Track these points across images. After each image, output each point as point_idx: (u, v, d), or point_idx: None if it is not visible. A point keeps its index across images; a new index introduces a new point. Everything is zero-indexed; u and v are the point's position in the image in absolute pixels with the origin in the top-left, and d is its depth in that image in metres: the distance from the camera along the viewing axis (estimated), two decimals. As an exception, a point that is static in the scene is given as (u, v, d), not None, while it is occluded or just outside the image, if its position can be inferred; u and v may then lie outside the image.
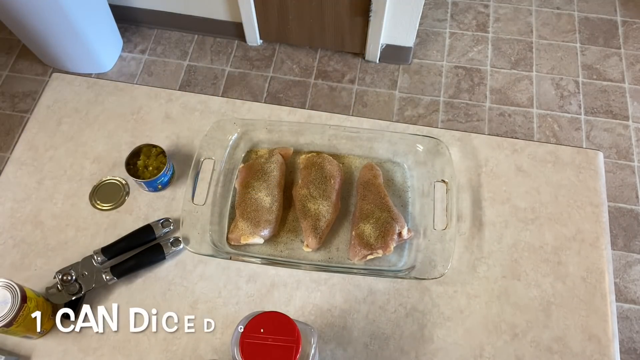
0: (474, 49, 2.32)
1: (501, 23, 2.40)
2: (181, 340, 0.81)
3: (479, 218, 0.91)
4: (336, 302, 0.84)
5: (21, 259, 0.87)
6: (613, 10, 2.44)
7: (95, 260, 0.83)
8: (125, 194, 0.93)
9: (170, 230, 0.88)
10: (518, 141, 1.00)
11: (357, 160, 0.97)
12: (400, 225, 0.85)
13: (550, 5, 2.45)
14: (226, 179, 0.92)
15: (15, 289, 0.71)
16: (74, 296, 0.80)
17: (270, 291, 0.85)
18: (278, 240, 0.89)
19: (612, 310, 0.84)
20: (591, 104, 2.17)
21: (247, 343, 0.61)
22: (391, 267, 0.86)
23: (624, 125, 2.12)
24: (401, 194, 0.93)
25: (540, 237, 0.90)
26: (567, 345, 0.81)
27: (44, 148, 0.98)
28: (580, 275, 0.86)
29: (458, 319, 0.83)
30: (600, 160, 0.97)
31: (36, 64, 2.23)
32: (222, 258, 0.85)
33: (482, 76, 2.24)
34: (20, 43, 2.25)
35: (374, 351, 0.80)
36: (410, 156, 0.95)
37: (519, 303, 0.84)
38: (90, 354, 0.80)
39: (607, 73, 2.25)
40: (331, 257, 0.87)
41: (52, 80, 1.06)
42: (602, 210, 0.92)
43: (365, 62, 2.24)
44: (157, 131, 1.00)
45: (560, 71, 2.25)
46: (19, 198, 0.92)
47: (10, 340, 0.80)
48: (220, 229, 0.89)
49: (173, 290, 0.84)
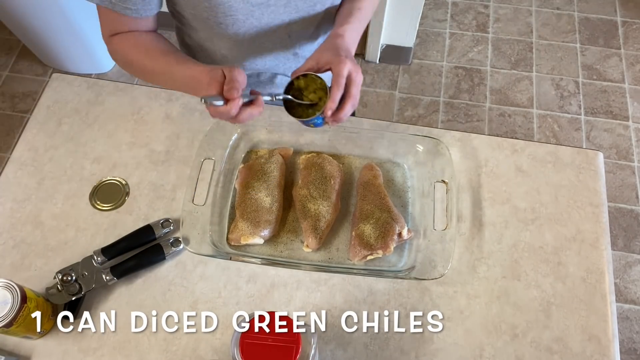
0: (474, 49, 2.32)
1: (501, 23, 2.40)
2: (181, 340, 0.81)
3: (479, 218, 0.91)
4: (336, 302, 0.84)
5: (21, 259, 0.87)
6: (613, 11, 2.44)
7: (95, 260, 0.83)
8: (125, 194, 0.93)
9: (171, 230, 0.88)
10: (518, 141, 1.00)
11: (357, 160, 0.97)
12: (400, 225, 0.85)
13: (550, 6, 2.45)
14: (226, 180, 0.92)
15: (15, 289, 0.71)
16: (74, 296, 0.80)
17: (271, 291, 0.85)
18: (278, 241, 0.89)
19: (612, 311, 0.84)
20: (591, 104, 2.17)
21: (247, 343, 0.61)
22: (391, 267, 0.86)
23: (624, 126, 2.12)
24: (401, 194, 0.93)
25: (540, 238, 0.90)
26: (567, 345, 0.81)
27: (44, 148, 0.98)
28: (580, 275, 0.86)
29: (458, 319, 0.83)
30: (600, 161, 0.97)
31: (36, 64, 2.23)
32: (222, 258, 0.85)
33: (482, 76, 2.24)
34: (20, 43, 2.25)
35: (374, 351, 0.80)
36: (410, 156, 0.95)
37: (519, 303, 0.84)
38: (90, 354, 0.80)
39: (607, 73, 2.25)
40: (331, 257, 0.87)
41: (52, 80, 1.06)
42: (602, 211, 0.92)
43: (365, 62, 2.24)
44: (157, 131, 1.00)
45: (560, 71, 2.26)
46: (19, 198, 0.92)
47: (10, 341, 0.80)
48: (220, 229, 0.89)
49: (173, 291, 0.84)
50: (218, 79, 0.70)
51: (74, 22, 1.90)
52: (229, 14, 0.79)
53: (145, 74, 0.84)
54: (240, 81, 0.69)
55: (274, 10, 0.82)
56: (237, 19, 0.80)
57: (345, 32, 0.80)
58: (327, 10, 0.88)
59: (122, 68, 0.87)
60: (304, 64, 0.77)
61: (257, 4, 0.80)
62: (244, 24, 0.82)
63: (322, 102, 0.74)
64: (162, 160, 0.96)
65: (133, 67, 0.84)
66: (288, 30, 0.88)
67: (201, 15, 0.81)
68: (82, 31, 1.96)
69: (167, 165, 0.96)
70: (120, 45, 0.83)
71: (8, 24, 1.95)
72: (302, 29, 0.89)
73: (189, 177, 0.88)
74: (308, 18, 0.87)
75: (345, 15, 0.84)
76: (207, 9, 0.79)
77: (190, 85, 0.77)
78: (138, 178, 0.95)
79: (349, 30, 0.80)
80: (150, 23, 0.83)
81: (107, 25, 0.83)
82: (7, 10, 1.84)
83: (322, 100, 0.75)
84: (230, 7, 0.78)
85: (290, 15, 0.85)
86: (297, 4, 0.83)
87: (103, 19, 0.82)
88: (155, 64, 0.81)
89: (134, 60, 0.82)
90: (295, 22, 0.86)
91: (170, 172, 0.95)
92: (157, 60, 0.80)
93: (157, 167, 0.96)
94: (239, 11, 0.79)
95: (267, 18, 0.83)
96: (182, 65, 0.78)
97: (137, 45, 0.82)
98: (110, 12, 0.79)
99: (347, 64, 0.73)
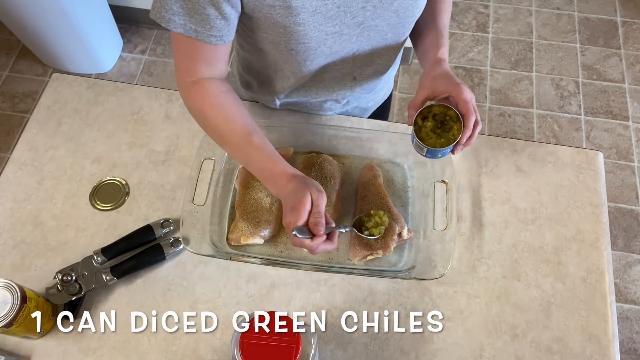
0: (474, 49, 2.32)
1: (501, 23, 2.40)
2: (181, 340, 0.81)
3: (479, 218, 0.91)
4: (336, 302, 0.84)
5: (21, 259, 0.87)
6: (613, 11, 2.44)
7: (95, 260, 0.83)
8: (125, 195, 0.93)
9: (171, 230, 0.88)
10: (518, 141, 1.00)
11: (357, 160, 0.97)
12: (400, 225, 0.85)
13: (550, 6, 2.45)
14: (226, 179, 0.92)
15: (15, 289, 0.71)
16: (74, 296, 0.80)
17: (270, 291, 0.85)
18: (278, 241, 0.89)
19: (612, 311, 0.84)
20: (591, 105, 2.17)
21: (247, 343, 0.61)
22: (391, 267, 0.86)
23: (624, 126, 2.12)
24: (401, 194, 0.93)
25: (540, 238, 0.90)
26: (567, 345, 0.81)
27: (44, 148, 0.98)
28: (581, 275, 0.86)
29: (458, 319, 0.83)
30: (600, 161, 0.97)
31: (36, 64, 2.23)
32: (222, 258, 0.85)
33: (482, 76, 2.24)
34: (20, 43, 2.25)
35: (374, 351, 0.80)
36: (410, 156, 0.95)
37: (519, 303, 0.84)
38: (90, 354, 0.80)
39: (607, 73, 2.25)
40: (331, 257, 0.87)
41: (52, 80, 1.06)
42: (602, 211, 0.92)
43: (365, 62, 2.24)
44: (157, 131, 1.00)
45: (560, 71, 2.25)
46: (19, 198, 0.92)
47: (10, 341, 0.80)
48: (220, 229, 0.89)
49: (173, 291, 0.84)
50: (304, 204, 0.70)
51: (74, 22, 1.90)
52: (302, 42, 0.77)
53: (221, 140, 0.81)
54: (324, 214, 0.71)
55: (346, 39, 0.80)
56: (310, 46, 0.78)
57: (444, 55, 0.81)
58: (400, 36, 0.86)
59: (194, 118, 0.83)
60: (418, 94, 0.78)
61: (331, 33, 0.77)
62: (315, 51, 0.80)
63: (457, 132, 0.75)
64: (162, 160, 0.96)
65: (209, 128, 0.82)
66: (353, 57, 0.86)
67: (274, 40, 0.78)
68: (82, 31, 1.96)
69: (167, 165, 0.96)
70: (197, 97, 0.79)
71: (8, 24, 1.95)
72: (368, 56, 0.87)
73: (189, 177, 0.88)
74: (377, 47, 0.85)
75: (437, 36, 0.84)
76: (281, 35, 0.76)
77: (266, 179, 0.77)
78: (138, 178, 0.95)
79: (446, 53, 0.82)
80: (228, 49, 0.79)
81: (185, 61, 0.78)
82: (7, 10, 1.83)
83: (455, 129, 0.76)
84: (305, 35, 0.75)
85: (360, 44, 0.83)
86: (369, 34, 0.81)
87: (181, 52, 0.77)
88: (233, 136, 0.79)
89: (210, 120, 0.80)
90: (363, 50, 0.85)
91: (170, 172, 0.95)
92: (235, 132, 0.79)
93: (157, 167, 0.96)
94: (313, 39, 0.77)
95: (337, 46, 0.81)
96: (261, 152, 0.77)
97: (215, 106, 0.79)
98: (190, 42, 0.74)
99: (467, 90, 0.74)
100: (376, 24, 0.79)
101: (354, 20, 0.76)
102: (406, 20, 0.81)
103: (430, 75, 0.78)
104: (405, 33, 0.85)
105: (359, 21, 0.77)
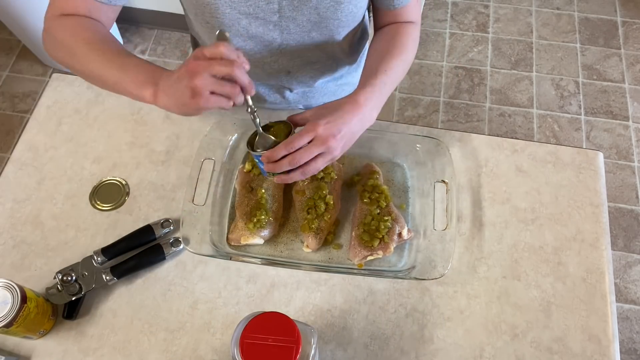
0: (474, 49, 2.32)
1: (501, 23, 2.40)
2: (181, 340, 0.81)
3: (479, 218, 0.91)
4: (336, 302, 0.84)
5: (21, 259, 0.87)
6: (613, 11, 2.44)
7: (95, 260, 0.83)
8: (125, 195, 0.93)
9: (171, 230, 0.88)
10: (518, 141, 1.00)
11: (357, 160, 0.97)
12: (400, 225, 0.85)
13: (550, 6, 2.45)
14: (226, 180, 0.92)
15: (15, 289, 0.71)
16: (74, 296, 0.80)
17: (271, 291, 0.85)
18: (278, 241, 0.89)
19: (612, 311, 0.84)
20: (591, 105, 2.17)
21: (247, 343, 0.61)
22: (391, 267, 0.86)
23: (624, 126, 2.12)
24: (401, 194, 0.93)
25: (540, 238, 0.90)
26: (567, 345, 0.81)
27: (44, 148, 0.98)
28: (581, 275, 0.86)
29: (458, 319, 0.83)
30: (600, 161, 0.97)
31: (36, 64, 2.23)
32: (222, 258, 0.85)
33: (482, 76, 2.24)
34: (20, 43, 2.25)
35: (374, 351, 0.80)
36: (410, 156, 0.95)
37: (519, 303, 0.84)
38: (90, 354, 0.80)
39: (607, 73, 2.25)
40: (331, 257, 0.87)
41: (52, 80, 1.06)
42: (602, 211, 0.92)
43: (365, 62, 2.24)
44: (157, 131, 1.00)
45: (560, 71, 2.26)
46: (19, 198, 0.92)
47: (10, 341, 0.80)
48: (220, 229, 0.89)
49: (173, 291, 0.84)
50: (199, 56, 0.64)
51: (74, 22, 1.90)
52: (215, 16, 0.79)
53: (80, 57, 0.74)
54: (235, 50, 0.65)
55: (263, 25, 0.81)
56: (223, 22, 0.80)
57: (364, 98, 0.74)
58: (329, 38, 0.85)
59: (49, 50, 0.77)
60: (304, 113, 0.79)
61: (245, 13, 0.79)
62: (230, 29, 0.81)
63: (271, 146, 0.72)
64: (162, 160, 0.96)
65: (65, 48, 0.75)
66: (280, 48, 0.87)
67: (191, 11, 0.82)
68: (82, 31, 1.96)
69: (167, 165, 0.96)
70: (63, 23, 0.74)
71: (8, 24, 1.95)
72: (297, 51, 0.88)
73: (189, 177, 0.88)
74: (304, 43, 0.86)
75: (369, 75, 0.78)
76: (195, 6, 0.79)
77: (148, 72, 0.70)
78: (138, 178, 0.95)
79: (369, 96, 0.75)
80: (112, 14, 0.78)
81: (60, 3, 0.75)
82: (7, 10, 1.83)
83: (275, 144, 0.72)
84: (216, 10, 0.77)
85: (283, 36, 0.84)
86: (289, 26, 0.82)
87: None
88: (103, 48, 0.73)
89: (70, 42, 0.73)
90: (289, 43, 0.86)
91: (170, 172, 0.95)
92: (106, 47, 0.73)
93: (157, 167, 0.96)
94: (226, 15, 0.78)
95: (254, 30, 0.82)
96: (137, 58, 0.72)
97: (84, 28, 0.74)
98: None
99: (318, 131, 0.69)
100: (294, 16, 0.80)
101: (269, 6, 0.78)
102: (329, 21, 0.81)
103: (329, 104, 0.77)
104: (334, 36, 0.86)
105: (274, 8, 0.79)
